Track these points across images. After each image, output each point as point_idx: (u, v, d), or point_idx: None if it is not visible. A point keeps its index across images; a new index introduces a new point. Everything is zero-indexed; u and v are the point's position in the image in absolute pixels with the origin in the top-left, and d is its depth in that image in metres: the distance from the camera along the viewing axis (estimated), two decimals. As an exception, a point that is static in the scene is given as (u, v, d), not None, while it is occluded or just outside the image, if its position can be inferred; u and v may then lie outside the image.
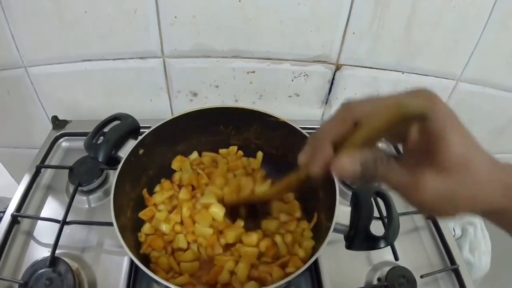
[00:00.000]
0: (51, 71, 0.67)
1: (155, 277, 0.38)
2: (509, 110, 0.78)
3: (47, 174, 0.65)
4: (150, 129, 0.52)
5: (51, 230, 0.53)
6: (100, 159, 0.49)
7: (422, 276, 0.53)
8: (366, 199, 0.44)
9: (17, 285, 0.47)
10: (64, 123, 0.72)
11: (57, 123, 0.72)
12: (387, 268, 0.53)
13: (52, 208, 0.59)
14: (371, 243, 0.42)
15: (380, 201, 0.50)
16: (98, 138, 0.52)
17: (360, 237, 0.42)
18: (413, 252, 0.58)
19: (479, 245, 0.72)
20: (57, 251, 0.50)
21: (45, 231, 0.55)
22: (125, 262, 0.52)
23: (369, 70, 0.69)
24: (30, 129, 0.79)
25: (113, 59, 0.66)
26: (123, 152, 0.49)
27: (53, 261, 0.48)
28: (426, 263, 0.57)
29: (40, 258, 0.49)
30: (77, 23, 0.60)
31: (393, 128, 0.24)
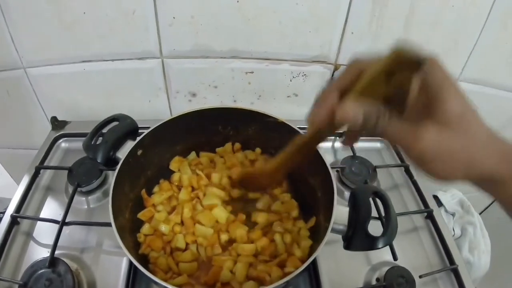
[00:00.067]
0: (50, 72, 0.67)
1: (153, 277, 0.38)
2: (508, 110, 0.78)
3: (46, 175, 0.65)
4: (148, 130, 0.52)
5: (51, 230, 0.53)
6: (99, 160, 0.49)
7: (421, 276, 0.52)
8: (364, 199, 0.44)
9: (16, 286, 0.47)
10: (64, 124, 0.73)
11: (56, 123, 0.72)
12: (386, 268, 0.53)
13: (52, 208, 0.60)
14: (369, 243, 0.41)
15: (378, 201, 0.50)
16: (97, 139, 0.53)
17: (358, 237, 0.42)
18: (412, 252, 0.58)
19: (479, 244, 0.72)
20: (57, 252, 0.50)
21: (44, 232, 0.55)
22: (124, 263, 0.52)
23: (368, 70, 0.69)
24: (30, 130, 0.79)
25: (112, 59, 0.66)
26: (122, 153, 0.49)
27: (53, 261, 0.49)
28: (425, 263, 0.57)
29: (39, 259, 0.49)
30: (76, 24, 0.60)
31: (393, 70, 0.26)
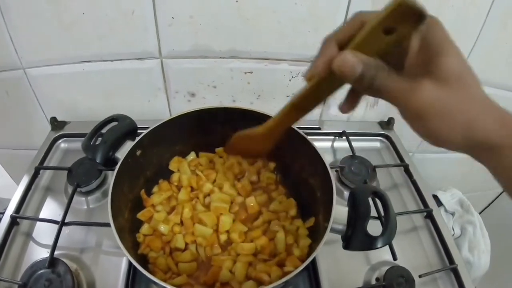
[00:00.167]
0: (49, 72, 0.67)
1: (152, 277, 0.38)
2: (509, 109, 0.78)
3: (46, 175, 0.65)
4: (147, 130, 0.52)
5: (50, 231, 0.53)
6: (98, 160, 0.49)
7: (420, 276, 0.53)
8: (364, 199, 0.44)
9: (16, 286, 0.47)
10: (63, 124, 0.73)
11: (55, 124, 0.72)
12: (386, 268, 0.53)
13: (51, 209, 0.60)
14: (368, 243, 0.41)
15: (378, 201, 0.50)
16: (96, 140, 0.53)
17: (357, 237, 0.42)
18: (412, 251, 0.58)
19: (478, 244, 0.72)
20: (56, 252, 0.50)
21: (44, 232, 0.55)
22: (123, 263, 0.52)
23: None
24: (29, 130, 0.79)
25: (111, 60, 0.66)
26: (121, 153, 0.49)
27: (52, 262, 0.49)
28: (425, 262, 0.57)
29: (39, 259, 0.49)
30: (75, 25, 0.60)
31: (394, 22, 0.25)
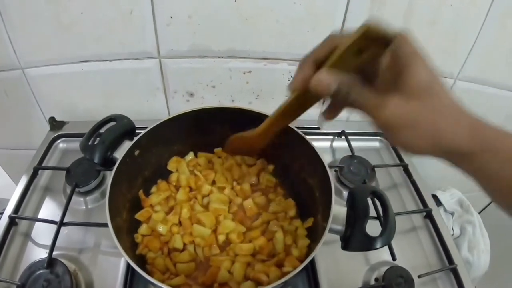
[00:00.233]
0: (48, 72, 0.67)
1: (150, 278, 0.38)
2: (507, 108, 0.77)
3: (44, 175, 0.65)
4: (145, 130, 0.51)
5: (49, 231, 0.53)
6: (96, 160, 0.49)
7: (420, 276, 0.52)
8: (362, 199, 0.44)
9: (14, 287, 0.47)
10: (62, 124, 0.72)
11: (54, 124, 0.72)
12: (385, 268, 0.53)
13: (50, 209, 0.60)
14: (367, 243, 0.41)
15: (377, 201, 0.50)
16: (95, 140, 0.52)
17: (356, 238, 0.42)
18: (411, 252, 0.58)
19: (478, 243, 0.72)
20: (55, 253, 0.50)
21: (42, 233, 0.55)
22: (122, 263, 0.52)
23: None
24: (28, 130, 0.79)
25: (110, 60, 0.66)
26: (119, 153, 0.49)
27: (51, 262, 0.49)
28: (424, 262, 0.57)
29: (37, 260, 0.49)
30: (73, 25, 0.60)
31: (364, 45, 0.28)
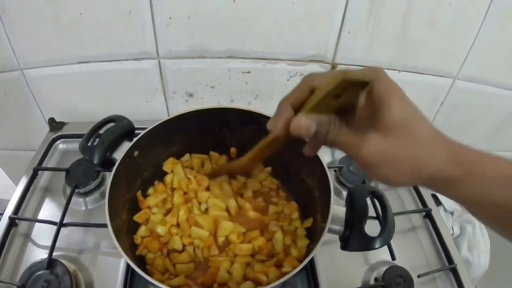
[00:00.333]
0: (47, 73, 0.67)
1: (150, 279, 0.38)
2: (507, 108, 0.77)
3: (44, 176, 0.65)
4: (144, 131, 0.51)
5: (49, 232, 0.53)
6: (95, 161, 0.49)
7: (419, 276, 0.52)
8: (361, 199, 0.44)
9: (14, 287, 0.47)
10: (61, 125, 0.73)
11: (54, 125, 0.72)
12: (384, 268, 0.53)
13: (49, 210, 0.60)
14: (366, 243, 0.41)
15: (376, 201, 0.50)
16: (94, 140, 0.52)
17: (355, 238, 0.42)
18: (411, 251, 0.58)
19: (478, 243, 0.72)
20: (55, 253, 0.50)
21: (42, 233, 0.55)
22: (121, 264, 0.52)
23: (365, 68, 0.69)
24: (27, 131, 0.79)
25: (109, 60, 0.66)
26: (118, 154, 0.49)
27: (51, 263, 0.49)
28: (424, 262, 0.57)
29: (37, 260, 0.49)
30: (73, 25, 0.60)
31: (341, 91, 0.29)
